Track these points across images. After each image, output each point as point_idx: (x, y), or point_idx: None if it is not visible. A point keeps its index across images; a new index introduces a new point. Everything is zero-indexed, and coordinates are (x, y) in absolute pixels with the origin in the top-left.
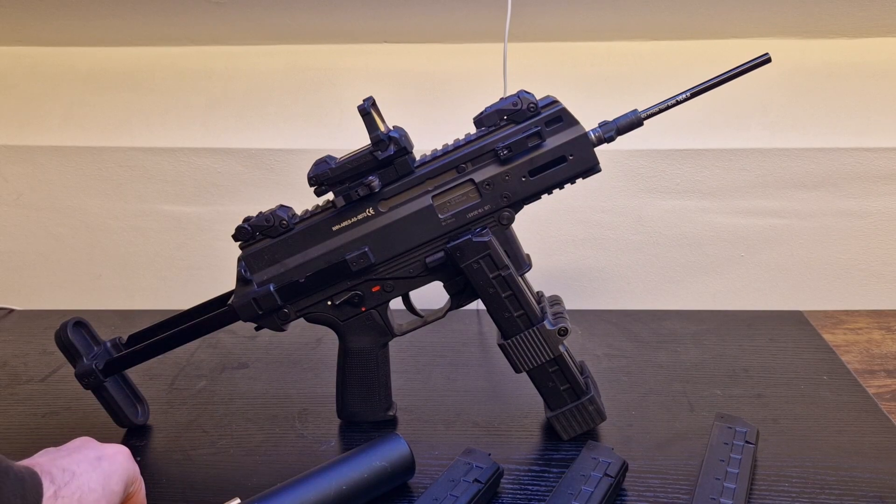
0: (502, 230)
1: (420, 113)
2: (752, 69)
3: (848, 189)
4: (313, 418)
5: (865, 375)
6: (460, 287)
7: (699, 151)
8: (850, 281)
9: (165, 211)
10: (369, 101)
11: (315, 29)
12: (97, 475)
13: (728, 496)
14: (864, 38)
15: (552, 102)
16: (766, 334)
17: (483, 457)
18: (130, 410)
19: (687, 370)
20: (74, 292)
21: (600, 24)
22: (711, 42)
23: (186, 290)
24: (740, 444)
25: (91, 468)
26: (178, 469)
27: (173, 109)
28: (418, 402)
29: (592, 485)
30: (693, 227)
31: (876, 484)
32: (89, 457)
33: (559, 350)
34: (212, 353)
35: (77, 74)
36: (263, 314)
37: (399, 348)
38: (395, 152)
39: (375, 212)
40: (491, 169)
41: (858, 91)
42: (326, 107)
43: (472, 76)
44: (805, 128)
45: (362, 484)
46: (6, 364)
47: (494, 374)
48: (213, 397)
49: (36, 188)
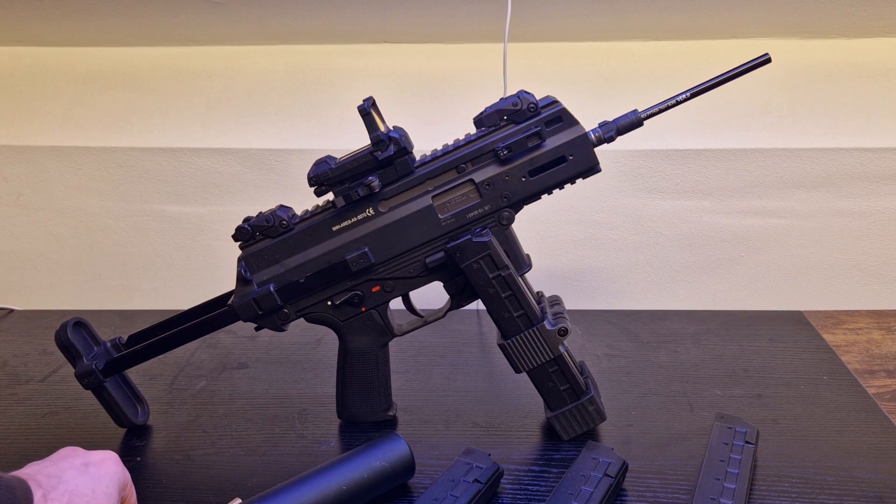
0: (502, 230)
1: (420, 113)
2: (752, 69)
3: (848, 189)
4: (313, 418)
5: (865, 375)
6: (460, 287)
7: (699, 151)
8: (850, 281)
9: (165, 211)
10: (369, 101)
11: (315, 29)
12: (85, 480)
13: (728, 496)
14: (864, 38)
15: (552, 103)
16: (766, 334)
17: (483, 457)
18: (130, 410)
19: (687, 370)
20: (74, 292)
21: (600, 24)
22: (711, 42)
23: (186, 290)
24: (740, 444)
25: (78, 473)
26: (178, 469)
27: (173, 109)
28: (418, 402)
29: (592, 485)
30: (693, 227)
31: (876, 484)
32: (75, 464)
33: (559, 350)
34: (212, 353)
35: (77, 74)
36: (263, 314)
37: (399, 348)
38: (395, 152)
39: (375, 212)
40: (491, 169)
41: (858, 91)
42: (326, 107)
43: (472, 76)
44: (805, 128)
45: (362, 484)
46: (6, 364)
47: (494, 374)
48: (213, 397)
49: (36, 188)
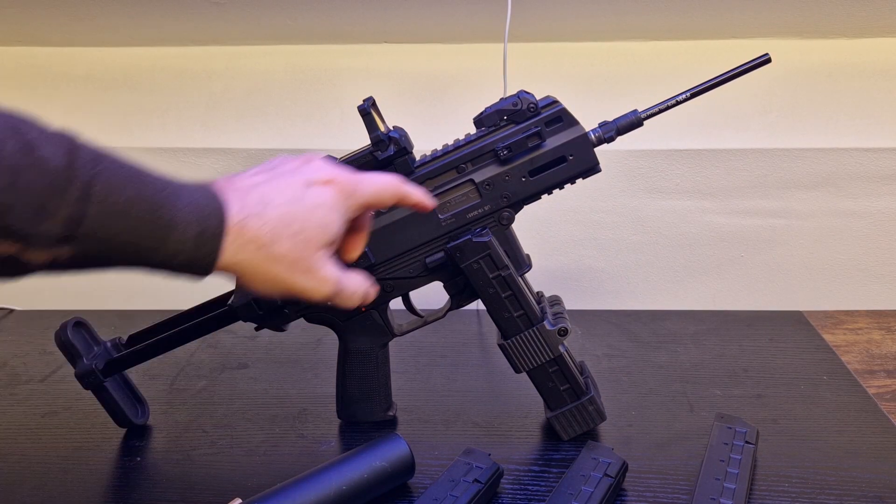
0: (502, 230)
1: (420, 113)
2: (752, 69)
3: (848, 189)
4: (313, 418)
5: (865, 376)
6: (460, 287)
7: (699, 151)
8: (850, 281)
9: None
10: (369, 101)
11: (315, 29)
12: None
13: (728, 496)
14: (864, 38)
15: (552, 103)
16: (766, 334)
17: (483, 457)
18: (130, 410)
19: (687, 370)
20: (74, 292)
21: (600, 24)
22: (711, 42)
23: (186, 290)
24: (740, 444)
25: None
26: (178, 469)
27: (173, 109)
28: (418, 403)
29: (592, 485)
30: (693, 227)
31: (876, 484)
32: (294, 184)
33: (559, 350)
34: (212, 354)
35: (77, 74)
36: (263, 314)
37: (399, 348)
38: (395, 152)
39: (375, 212)
40: (491, 169)
41: (858, 91)
42: (326, 107)
43: (472, 76)
44: (805, 128)
45: (362, 484)
46: (6, 364)
47: (494, 374)
48: (213, 397)
49: None
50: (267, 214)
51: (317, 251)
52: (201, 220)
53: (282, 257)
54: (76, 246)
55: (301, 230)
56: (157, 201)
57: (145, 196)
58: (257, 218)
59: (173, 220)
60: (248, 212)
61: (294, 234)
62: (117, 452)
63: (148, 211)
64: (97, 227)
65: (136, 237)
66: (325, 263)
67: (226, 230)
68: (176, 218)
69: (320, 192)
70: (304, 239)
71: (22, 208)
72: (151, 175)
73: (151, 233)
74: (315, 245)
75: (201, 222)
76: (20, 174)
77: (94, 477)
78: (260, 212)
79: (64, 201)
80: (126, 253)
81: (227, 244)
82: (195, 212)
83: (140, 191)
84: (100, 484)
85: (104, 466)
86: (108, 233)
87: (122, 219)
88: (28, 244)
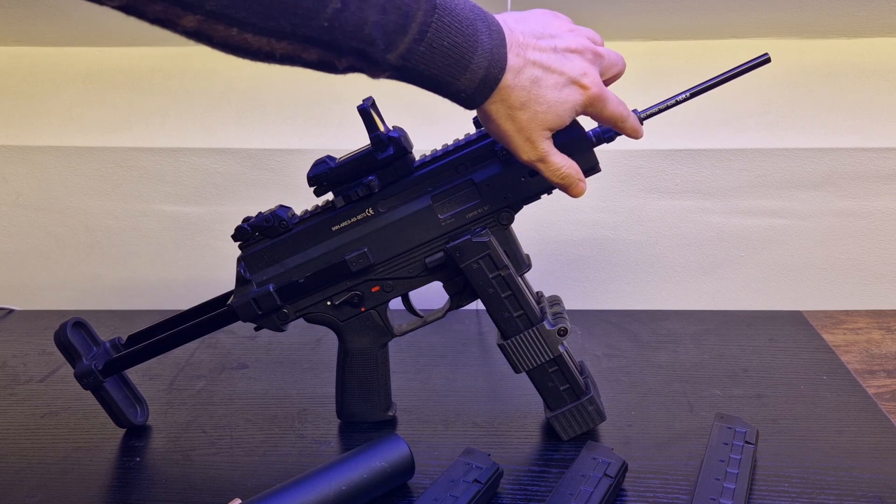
0: (502, 230)
1: (420, 113)
2: (752, 69)
3: (848, 189)
4: (313, 418)
5: (865, 375)
6: (460, 287)
7: (699, 151)
8: (850, 281)
9: (165, 211)
10: (369, 101)
11: None
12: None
13: (728, 496)
14: (864, 38)
15: None
16: (766, 334)
17: (483, 457)
18: (130, 411)
19: (687, 370)
20: (74, 292)
21: (600, 24)
22: (711, 42)
23: (186, 290)
24: (740, 444)
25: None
26: (178, 469)
27: (173, 109)
28: (418, 403)
29: (592, 485)
30: (693, 227)
31: (876, 484)
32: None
33: (559, 350)
34: (212, 354)
35: (77, 74)
36: (263, 314)
37: (399, 348)
38: (394, 152)
39: (375, 212)
40: (490, 169)
41: (858, 91)
42: (326, 107)
43: None
44: (805, 128)
45: (362, 484)
46: (6, 364)
47: (494, 374)
48: (213, 397)
49: (36, 188)
50: (529, 93)
51: (544, 130)
52: (489, 68)
53: (517, 120)
54: (395, 72)
55: (542, 112)
56: (467, 46)
57: (460, 42)
58: (522, 91)
59: (471, 63)
60: (518, 83)
61: (535, 113)
62: (117, 453)
63: (459, 55)
64: (419, 61)
65: (442, 72)
66: (544, 139)
67: (498, 87)
68: (473, 62)
69: (574, 94)
70: (541, 119)
71: (380, 41)
72: (468, 17)
73: (454, 71)
74: (545, 125)
75: (488, 70)
76: (387, 13)
77: (94, 477)
78: (526, 86)
79: (404, 39)
80: (425, 80)
81: (493, 96)
82: (486, 59)
83: (456, 38)
84: (99, 484)
85: (104, 467)
86: (424, 67)
87: (439, 58)
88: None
